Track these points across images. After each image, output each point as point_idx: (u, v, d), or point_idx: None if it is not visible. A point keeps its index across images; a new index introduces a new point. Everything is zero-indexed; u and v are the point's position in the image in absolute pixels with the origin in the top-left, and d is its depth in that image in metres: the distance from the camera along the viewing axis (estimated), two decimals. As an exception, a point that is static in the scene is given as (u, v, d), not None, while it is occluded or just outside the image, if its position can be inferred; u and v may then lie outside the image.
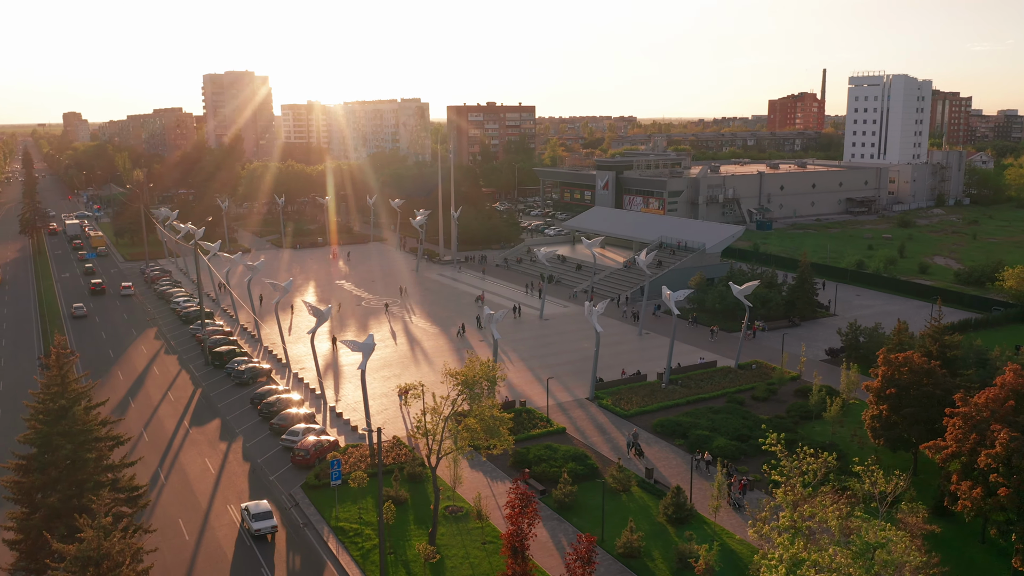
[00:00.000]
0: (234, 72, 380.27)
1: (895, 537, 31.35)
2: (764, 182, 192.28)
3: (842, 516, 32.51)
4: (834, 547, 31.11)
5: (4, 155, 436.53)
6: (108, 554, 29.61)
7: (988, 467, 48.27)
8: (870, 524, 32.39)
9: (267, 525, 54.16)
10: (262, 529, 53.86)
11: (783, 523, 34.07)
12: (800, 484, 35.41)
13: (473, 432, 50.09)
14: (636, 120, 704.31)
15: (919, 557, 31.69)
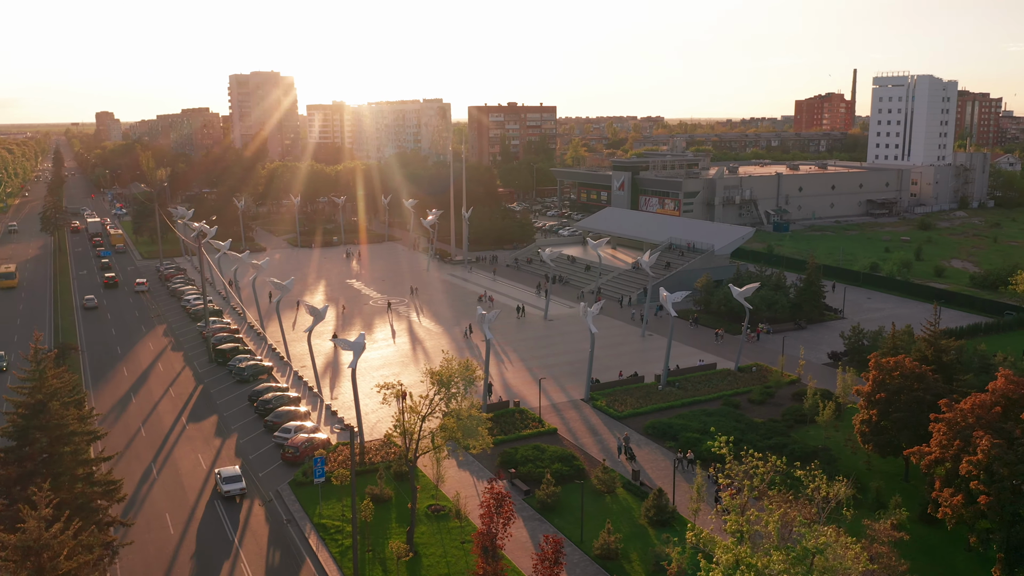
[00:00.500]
0: (260, 73, 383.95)
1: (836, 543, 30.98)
2: (782, 183, 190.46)
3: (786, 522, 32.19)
4: (774, 551, 30.83)
5: (36, 154, 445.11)
6: (48, 545, 30.16)
7: (969, 474, 47.53)
8: (811, 530, 32.04)
9: (236, 487, 59.12)
10: (231, 491, 58.86)
11: (729, 527, 33.82)
12: (747, 488, 35.08)
13: (450, 432, 50.26)
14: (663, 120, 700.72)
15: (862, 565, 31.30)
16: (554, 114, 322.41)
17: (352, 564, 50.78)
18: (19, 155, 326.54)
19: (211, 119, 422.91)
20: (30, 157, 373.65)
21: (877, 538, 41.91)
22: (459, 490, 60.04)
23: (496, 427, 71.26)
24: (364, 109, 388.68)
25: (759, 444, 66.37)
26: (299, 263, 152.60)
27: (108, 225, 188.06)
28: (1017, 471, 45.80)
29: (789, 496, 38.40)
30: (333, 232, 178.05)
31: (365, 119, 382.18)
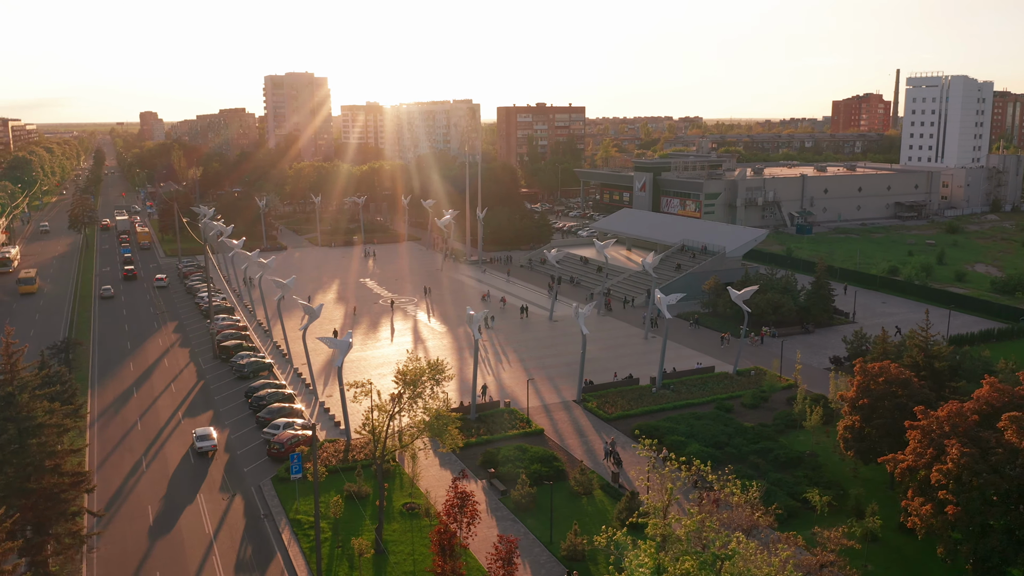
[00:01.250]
0: (295, 74, 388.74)
1: (746, 550, 30.64)
2: (806, 185, 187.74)
3: (701, 527, 31.93)
4: (683, 556, 30.63)
5: (78, 152, 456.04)
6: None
7: (939, 483, 46.62)
8: (720, 534, 31.79)
9: (207, 444, 66.98)
10: (203, 447, 66.86)
11: (648, 530, 33.66)
12: (669, 493, 34.87)
13: (418, 431, 50.63)
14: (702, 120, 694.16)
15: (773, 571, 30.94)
16: (583, 114, 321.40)
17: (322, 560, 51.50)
18: (59, 154, 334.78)
19: (247, 119, 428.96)
20: (71, 156, 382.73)
21: (827, 546, 41.33)
22: (435, 489, 60.38)
23: (484, 427, 71.79)
24: (396, 110, 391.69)
25: (744, 448, 66.02)
26: (316, 262, 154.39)
27: (137, 223, 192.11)
28: (987, 481, 44.82)
29: (725, 497, 38.10)
30: (354, 231, 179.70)
31: (397, 120, 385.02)
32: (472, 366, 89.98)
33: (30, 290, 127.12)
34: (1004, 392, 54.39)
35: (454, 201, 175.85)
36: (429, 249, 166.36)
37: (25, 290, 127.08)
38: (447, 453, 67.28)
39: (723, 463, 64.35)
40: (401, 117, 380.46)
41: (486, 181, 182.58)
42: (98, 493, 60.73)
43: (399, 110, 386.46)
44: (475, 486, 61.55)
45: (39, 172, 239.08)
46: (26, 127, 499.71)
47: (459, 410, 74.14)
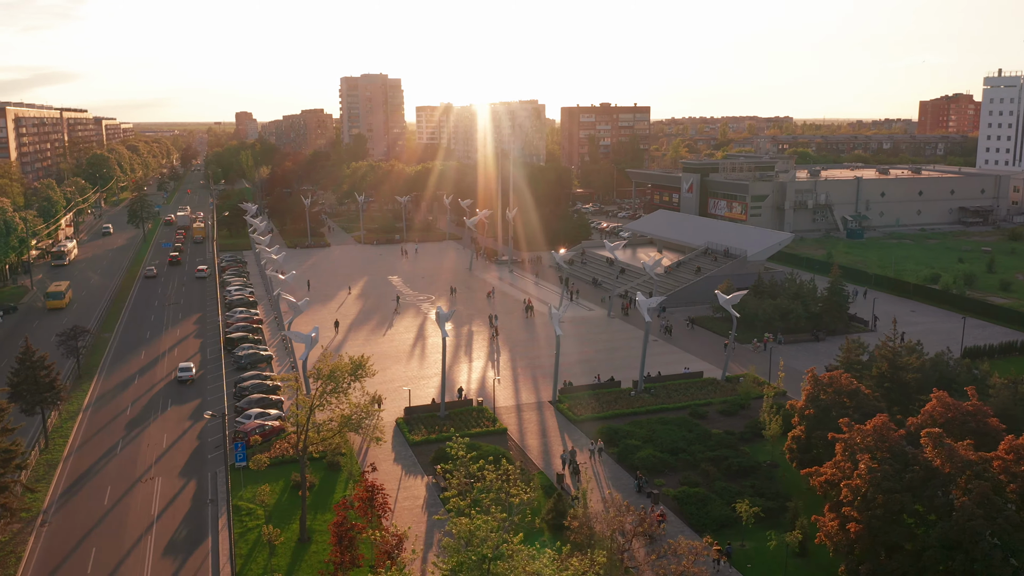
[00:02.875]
0: (369, 75, 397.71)
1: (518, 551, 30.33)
2: (862, 188, 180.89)
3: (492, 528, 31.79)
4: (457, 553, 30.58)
5: (168, 151, 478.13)
6: None
7: (846, 499, 44.90)
8: (498, 535, 31.52)
9: (186, 374, 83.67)
10: (183, 376, 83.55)
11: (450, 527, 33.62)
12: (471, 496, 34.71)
13: (330, 425, 51.82)
14: (791, 120, 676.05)
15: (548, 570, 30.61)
16: (648, 114, 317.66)
17: (247, 544, 53.40)
18: (144, 152, 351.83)
19: (325, 120, 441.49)
20: (158, 155, 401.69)
21: (692, 554, 40.42)
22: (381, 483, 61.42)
23: (449, 424, 72.40)
24: (466, 110, 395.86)
25: (699, 455, 64.69)
26: (353, 259, 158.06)
27: (196, 219, 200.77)
28: (893, 499, 42.88)
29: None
30: (396, 230, 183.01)
31: (466, 120, 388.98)
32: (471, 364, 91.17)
33: (58, 305, 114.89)
34: (951, 407, 52.01)
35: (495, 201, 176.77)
36: (466, 248, 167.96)
37: (53, 305, 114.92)
38: (404, 449, 68.51)
39: (675, 469, 63.47)
40: (470, 117, 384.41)
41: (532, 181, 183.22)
42: (69, 473, 64.45)
43: (468, 110, 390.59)
44: (420, 482, 62.46)
45: (116, 169, 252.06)
46: (120, 126, 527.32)
47: (430, 408, 75.44)
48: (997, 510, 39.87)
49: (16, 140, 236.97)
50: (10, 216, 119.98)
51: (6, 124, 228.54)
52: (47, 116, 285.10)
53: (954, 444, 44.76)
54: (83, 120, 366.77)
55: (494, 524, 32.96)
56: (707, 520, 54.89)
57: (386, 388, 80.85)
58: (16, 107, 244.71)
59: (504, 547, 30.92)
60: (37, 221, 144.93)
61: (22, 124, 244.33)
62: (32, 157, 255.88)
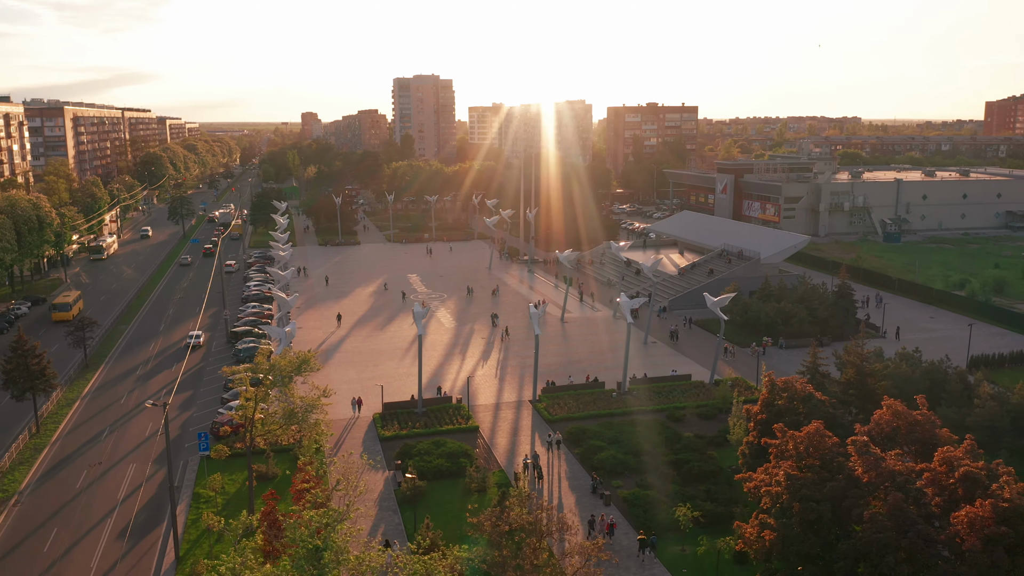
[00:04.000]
0: (421, 76, 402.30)
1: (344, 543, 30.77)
2: (902, 190, 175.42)
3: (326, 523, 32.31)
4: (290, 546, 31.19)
5: (230, 150, 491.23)
6: None
7: (765, 506, 44.02)
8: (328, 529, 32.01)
9: (194, 340, 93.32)
10: (191, 342, 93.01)
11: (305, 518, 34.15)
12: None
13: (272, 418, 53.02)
14: (860, 121, 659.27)
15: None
16: (695, 114, 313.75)
17: (197, 529, 55.03)
18: (203, 151, 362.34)
19: (379, 120, 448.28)
20: (218, 154, 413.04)
21: (584, 554, 40.15)
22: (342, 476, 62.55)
23: (424, 421, 73.09)
24: (514, 110, 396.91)
25: (661, 458, 63.96)
26: (379, 256, 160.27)
27: (235, 216, 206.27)
28: (810, 508, 41.86)
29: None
30: (427, 229, 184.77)
31: (515, 120, 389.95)
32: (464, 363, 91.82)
33: (64, 317, 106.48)
34: (901, 416, 50.50)
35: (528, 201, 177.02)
36: (492, 248, 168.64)
37: (59, 317, 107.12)
38: (373, 443, 69.49)
39: (635, 471, 62.89)
40: (519, 117, 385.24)
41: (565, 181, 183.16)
42: (52, 457, 67.31)
43: (518, 111, 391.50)
44: (380, 476, 63.29)
45: (168, 168, 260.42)
46: (185, 125, 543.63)
47: (408, 404, 76.26)
48: (909, 523, 38.58)
49: (74, 139, 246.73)
50: (46, 211, 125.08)
51: (64, 123, 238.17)
52: (107, 115, 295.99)
53: (881, 454, 43.49)
54: (145, 119, 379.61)
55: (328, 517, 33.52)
56: (652, 524, 54.33)
57: (375, 383, 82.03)
58: (75, 107, 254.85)
59: (334, 538, 31.47)
60: (78, 217, 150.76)
61: (80, 123, 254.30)
62: (90, 155, 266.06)
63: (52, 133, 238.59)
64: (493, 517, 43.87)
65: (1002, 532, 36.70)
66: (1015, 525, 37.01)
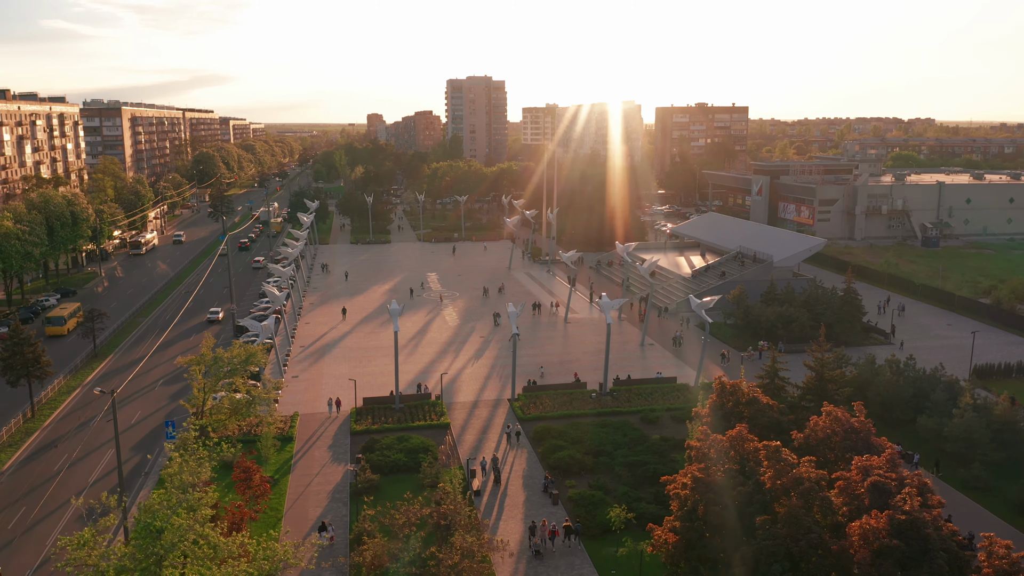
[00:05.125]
0: (474, 77, 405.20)
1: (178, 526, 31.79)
2: (944, 194, 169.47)
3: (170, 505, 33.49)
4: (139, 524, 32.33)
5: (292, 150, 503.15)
6: None
7: (674, 509, 43.58)
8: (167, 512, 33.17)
9: (214, 316, 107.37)
10: (211, 317, 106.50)
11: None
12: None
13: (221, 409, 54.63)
14: (933, 122, 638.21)
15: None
16: (745, 114, 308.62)
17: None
18: (261, 151, 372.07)
19: (433, 121, 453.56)
20: (278, 154, 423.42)
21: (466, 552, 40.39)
22: (307, 467, 64.15)
23: (398, 416, 74.09)
24: (565, 111, 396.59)
25: (621, 459, 63.51)
26: (405, 255, 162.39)
27: (275, 213, 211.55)
28: (713, 512, 41.34)
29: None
30: (454, 228, 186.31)
31: (565, 120, 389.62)
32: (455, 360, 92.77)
33: (57, 332, 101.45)
34: (838, 422, 49.34)
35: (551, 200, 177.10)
36: (518, 247, 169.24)
37: (52, 331, 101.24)
38: (344, 437, 70.74)
39: (591, 471, 62.66)
40: (569, 118, 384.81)
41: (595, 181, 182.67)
42: (41, 440, 70.61)
43: (568, 111, 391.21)
44: (340, 469, 64.48)
45: (221, 167, 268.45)
46: (250, 126, 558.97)
47: (387, 399, 77.36)
48: (804, 531, 37.75)
49: (131, 138, 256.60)
50: (81, 207, 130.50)
51: (121, 123, 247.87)
52: (167, 116, 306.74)
53: (794, 460, 42.61)
54: (206, 120, 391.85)
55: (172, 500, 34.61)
56: (592, 524, 54.17)
57: (364, 379, 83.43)
58: (133, 107, 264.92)
59: (175, 520, 32.50)
60: (118, 213, 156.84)
61: (138, 123, 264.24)
62: (148, 154, 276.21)
63: (110, 132, 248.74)
64: (405, 513, 44.63)
65: (894, 545, 35.63)
66: (909, 539, 35.87)
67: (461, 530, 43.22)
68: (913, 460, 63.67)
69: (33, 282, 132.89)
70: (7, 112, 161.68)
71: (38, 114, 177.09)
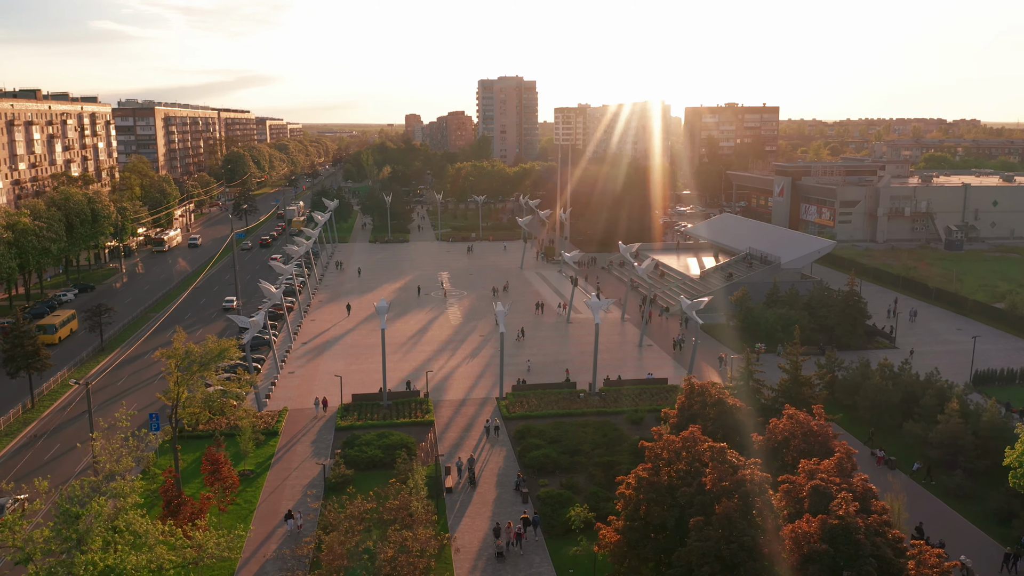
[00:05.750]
0: (505, 77, 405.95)
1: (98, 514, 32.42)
2: (969, 196, 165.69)
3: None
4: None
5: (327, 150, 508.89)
6: None
7: (619, 508, 43.50)
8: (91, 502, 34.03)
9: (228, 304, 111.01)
10: (226, 306, 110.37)
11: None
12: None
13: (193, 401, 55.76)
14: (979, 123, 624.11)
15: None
16: (776, 115, 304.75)
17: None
18: (294, 151, 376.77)
19: (465, 121, 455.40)
20: (312, 154, 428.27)
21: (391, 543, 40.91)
22: (286, 461, 65.17)
23: (385, 413, 74.82)
24: (597, 111, 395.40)
25: (595, 460, 63.34)
26: (420, 254, 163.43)
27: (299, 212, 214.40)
28: (654, 512, 41.18)
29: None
30: (474, 228, 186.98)
31: (596, 121, 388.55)
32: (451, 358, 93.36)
33: (48, 340, 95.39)
34: (799, 424, 48.85)
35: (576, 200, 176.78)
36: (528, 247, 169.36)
37: (44, 339, 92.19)
38: (328, 432, 71.62)
39: (566, 471, 62.69)
40: (599, 118, 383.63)
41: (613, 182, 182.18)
42: (36, 430, 72.75)
43: (599, 111, 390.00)
44: (318, 464, 65.28)
45: (251, 167, 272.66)
46: (287, 126, 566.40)
47: (375, 396, 78.10)
48: (738, 533, 37.46)
49: (164, 137, 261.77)
50: (103, 205, 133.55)
51: (154, 123, 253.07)
52: (201, 115, 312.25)
53: (741, 462, 42.24)
54: (242, 120, 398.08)
55: (87, 488, 35.60)
56: (554, 523, 54.26)
57: (360, 376, 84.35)
58: (167, 107, 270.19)
59: (92, 506, 33.45)
60: (143, 211, 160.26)
61: (171, 123, 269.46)
62: (181, 153, 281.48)
63: (143, 132, 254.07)
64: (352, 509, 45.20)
65: (822, 550, 35.20)
66: (839, 545, 35.40)
67: (398, 525, 43.62)
68: (913, 467, 63.03)
69: (53, 277, 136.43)
70: (37, 112, 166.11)
71: (69, 113, 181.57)
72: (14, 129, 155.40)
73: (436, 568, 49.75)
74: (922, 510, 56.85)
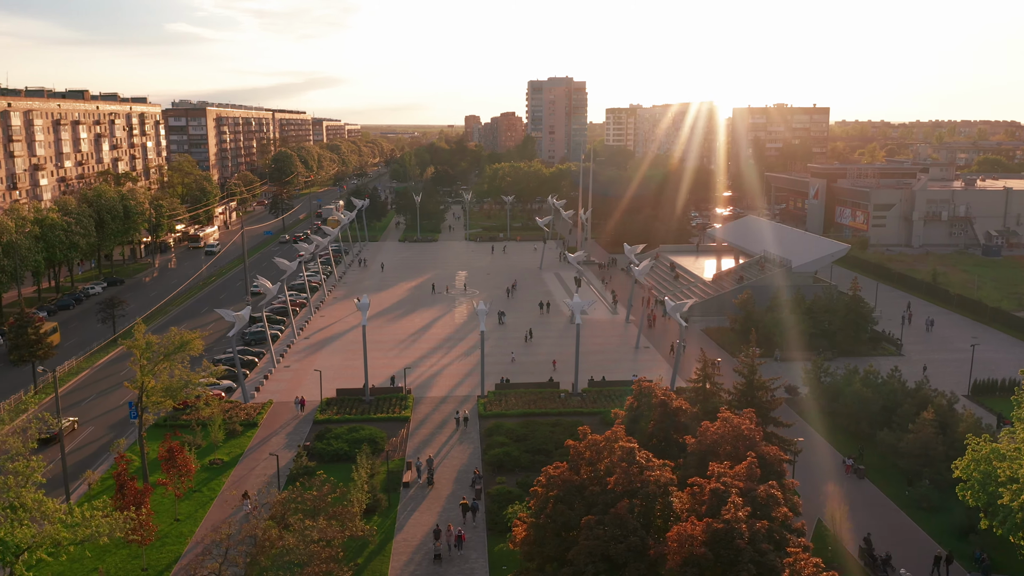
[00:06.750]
0: (555, 78, 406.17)
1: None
2: (1011, 200, 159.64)
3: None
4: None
5: (382, 150, 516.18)
6: None
7: (530, 506, 43.74)
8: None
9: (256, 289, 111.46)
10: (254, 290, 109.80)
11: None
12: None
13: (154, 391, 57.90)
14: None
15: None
16: (827, 115, 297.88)
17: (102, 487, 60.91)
18: (346, 151, 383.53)
19: (515, 122, 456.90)
20: (365, 154, 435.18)
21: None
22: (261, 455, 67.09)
23: (364, 408, 76.17)
24: (647, 111, 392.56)
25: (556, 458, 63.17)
26: (445, 253, 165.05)
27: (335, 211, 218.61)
28: (559, 511, 41.34)
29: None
30: (502, 228, 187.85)
31: (645, 121, 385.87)
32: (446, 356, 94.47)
33: None
34: (731, 428, 48.36)
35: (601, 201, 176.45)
36: (558, 247, 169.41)
37: None
38: (305, 425, 73.28)
39: (525, 469, 62.96)
40: (648, 119, 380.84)
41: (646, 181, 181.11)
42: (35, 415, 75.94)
43: (649, 112, 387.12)
44: (289, 455, 66.94)
45: (299, 166, 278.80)
46: (345, 127, 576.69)
47: (358, 391, 79.54)
48: (627, 533, 37.43)
49: (216, 137, 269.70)
50: (136, 202, 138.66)
51: (206, 123, 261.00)
52: (254, 116, 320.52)
53: (654, 463, 42.12)
54: (296, 121, 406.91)
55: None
56: (497, 520, 54.70)
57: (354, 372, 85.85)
58: (219, 108, 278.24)
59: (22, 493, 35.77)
60: (181, 208, 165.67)
61: (223, 123, 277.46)
62: (233, 152, 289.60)
63: (195, 132, 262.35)
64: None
65: (701, 553, 34.96)
66: (719, 548, 35.11)
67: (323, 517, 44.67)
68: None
69: (85, 271, 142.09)
70: (84, 111, 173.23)
71: (117, 113, 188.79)
72: (60, 128, 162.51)
73: (372, 563, 50.82)
74: (882, 520, 55.54)
